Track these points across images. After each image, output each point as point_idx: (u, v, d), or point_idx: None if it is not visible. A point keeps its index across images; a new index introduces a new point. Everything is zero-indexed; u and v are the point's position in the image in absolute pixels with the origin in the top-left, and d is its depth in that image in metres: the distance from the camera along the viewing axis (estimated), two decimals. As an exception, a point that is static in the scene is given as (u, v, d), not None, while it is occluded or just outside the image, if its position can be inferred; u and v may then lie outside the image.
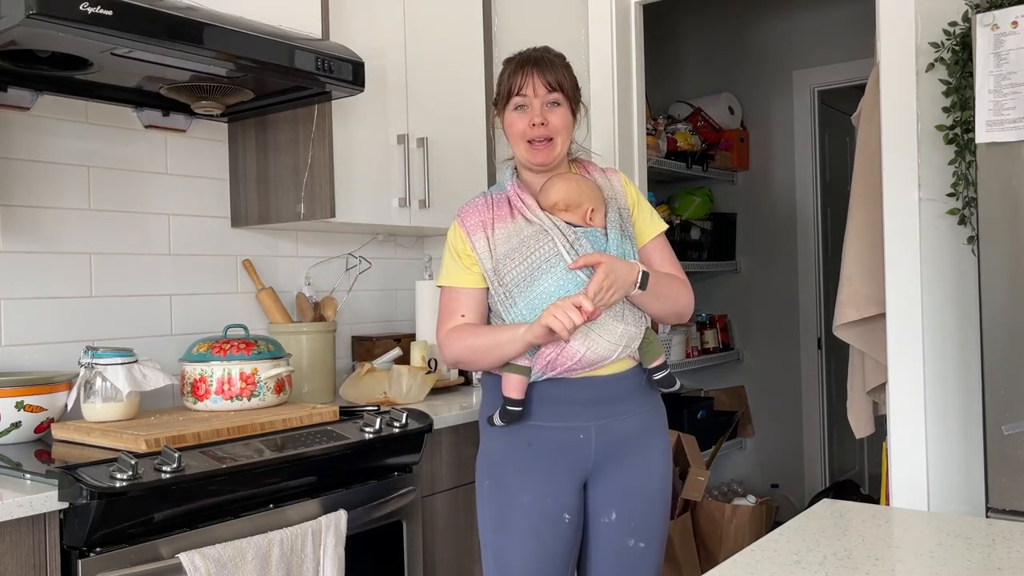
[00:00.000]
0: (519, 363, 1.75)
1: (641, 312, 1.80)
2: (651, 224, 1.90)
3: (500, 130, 1.87)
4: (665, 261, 1.90)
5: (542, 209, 1.78)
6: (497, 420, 1.77)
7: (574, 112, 1.83)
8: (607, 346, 1.73)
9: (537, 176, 1.84)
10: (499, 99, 1.84)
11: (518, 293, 1.74)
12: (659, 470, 1.84)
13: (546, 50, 1.84)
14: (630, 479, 1.81)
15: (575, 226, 1.76)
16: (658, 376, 1.83)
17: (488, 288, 1.80)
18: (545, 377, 1.76)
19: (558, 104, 1.79)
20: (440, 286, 1.86)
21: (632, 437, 1.81)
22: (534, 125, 1.77)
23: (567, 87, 1.80)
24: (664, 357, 1.85)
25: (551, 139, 1.78)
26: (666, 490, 1.86)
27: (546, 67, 1.78)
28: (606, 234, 1.78)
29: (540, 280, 1.72)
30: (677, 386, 1.86)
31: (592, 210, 1.78)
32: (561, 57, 1.84)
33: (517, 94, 1.78)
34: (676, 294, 1.85)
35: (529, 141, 1.79)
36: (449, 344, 1.80)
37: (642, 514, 1.82)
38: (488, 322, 1.84)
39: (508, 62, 1.84)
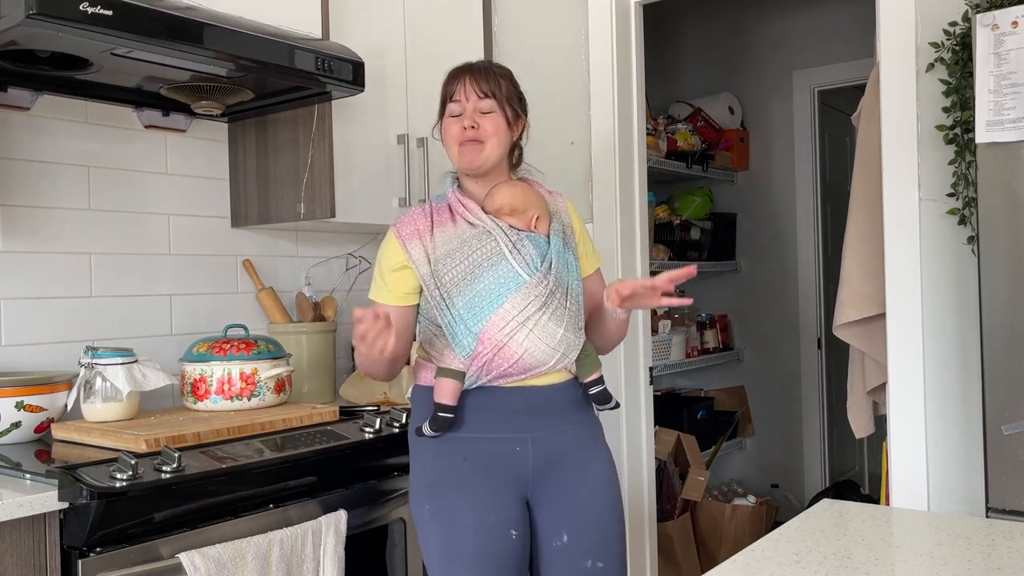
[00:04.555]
0: (453, 367, 1.72)
1: (580, 323, 1.80)
2: (592, 256, 1.94)
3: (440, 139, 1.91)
4: None
5: (486, 213, 1.80)
6: (427, 429, 1.73)
7: (510, 122, 1.84)
8: (545, 350, 1.72)
9: (478, 185, 1.85)
10: (440, 107, 1.88)
11: (456, 293, 1.73)
12: (604, 486, 1.81)
13: (488, 62, 1.89)
14: (575, 498, 1.77)
15: (519, 230, 1.78)
16: (594, 391, 1.82)
17: (415, 305, 1.81)
18: (479, 384, 1.73)
19: (491, 111, 1.82)
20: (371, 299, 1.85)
21: (570, 453, 1.79)
22: (465, 128, 1.80)
23: (501, 96, 1.82)
24: (600, 372, 1.83)
25: (481, 142, 1.81)
26: (616, 505, 1.82)
27: (480, 75, 1.82)
28: (548, 241, 1.80)
29: (480, 278, 1.72)
30: (612, 403, 1.83)
31: (537, 217, 1.80)
32: (503, 69, 1.87)
33: (451, 100, 1.83)
34: (624, 332, 1.89)
35: (460, 143, 1.82)
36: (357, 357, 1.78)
37: (595, 533, 1.77)
38: (416, 330, 1.84)
39: (448, 72, 1.89)
